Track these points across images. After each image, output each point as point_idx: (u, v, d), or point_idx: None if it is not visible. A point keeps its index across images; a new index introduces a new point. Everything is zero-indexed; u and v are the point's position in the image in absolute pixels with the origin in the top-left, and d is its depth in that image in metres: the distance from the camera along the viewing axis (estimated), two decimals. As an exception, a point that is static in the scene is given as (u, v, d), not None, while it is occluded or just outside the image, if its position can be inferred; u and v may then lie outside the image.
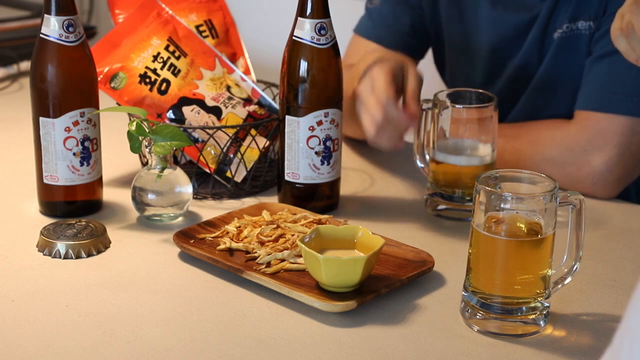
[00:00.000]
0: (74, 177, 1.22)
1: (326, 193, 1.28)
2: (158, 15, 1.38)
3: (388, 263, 1.10)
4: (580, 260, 1.00)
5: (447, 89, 1.29)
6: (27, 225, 1.21)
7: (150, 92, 1.34)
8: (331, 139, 1.25)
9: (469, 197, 1.26)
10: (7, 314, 1.00)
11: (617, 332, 0.57)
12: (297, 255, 1.09)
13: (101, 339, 0.95)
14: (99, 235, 1.15)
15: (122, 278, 1.09)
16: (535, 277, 0.97)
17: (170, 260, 1.14)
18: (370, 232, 1.07)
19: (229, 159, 1.33)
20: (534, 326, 0.98)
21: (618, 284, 1.10)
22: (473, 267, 0.99)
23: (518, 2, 1.43)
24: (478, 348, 0.96)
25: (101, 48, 1.34)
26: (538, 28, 1.41)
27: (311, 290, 1.03)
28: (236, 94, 1.38)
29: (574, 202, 0.98)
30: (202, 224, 1.18)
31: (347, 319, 1.00)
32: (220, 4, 1.49)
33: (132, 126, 1.19)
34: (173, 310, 1.01)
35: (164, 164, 1.21)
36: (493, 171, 1.01)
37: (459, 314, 1.02)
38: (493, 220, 0.97)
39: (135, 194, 1.22)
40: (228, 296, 1.05)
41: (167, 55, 1.36)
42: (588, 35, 1.38)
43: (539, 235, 0.96)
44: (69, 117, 1.20)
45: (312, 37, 1.22)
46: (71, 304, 1.02)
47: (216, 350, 0.94)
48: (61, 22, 1.18)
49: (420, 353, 0.94)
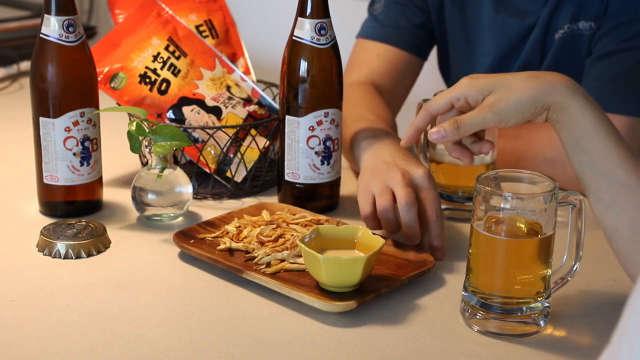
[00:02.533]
0: (74, 177, 1.22)
1: (326, 193, 1.28)
2: (158, 15, 1.38)
3: (388, 263, 1.10)
4: (580, 260, 1.00)
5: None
6: (27, 225, 1.21)
7: (150, 92, 1.34)
8: (331, 139, 1.25)
9: (469, 197, 1.26)
10: (7, 314, 1.00)
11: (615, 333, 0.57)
12: (297, 255, 1.09)
13: (101, 339, 0.95)
14: (99, 235, 1.15)
15: (122, 278, 1.09)
16: (535, 277, 0.97)
17: (170, 260, 1.14)
18: (370, 232, 1.07)
19: (229, 159, 1.33)
20: (534, 326, 0.98)
21: (618, 284, 1.10)
22: (473, 267, 0.99)
23: (521, 9, 1.43)
24: (478, 348, 0.96)
25: (101, 48, 1.34)
26: (540, 29, 1.41)
27: (311, 290, 1.03)
28: (236, 94, 1.38)
29: (574, 202, 0.98)
30: (202, 224, 1.18)
31: (347, 319, 1.00)
32: (220, 4, 1.49)
33: (132, 126, 1.19)
34: (173, 310, 1.01)
35: (164, 164, 1.21)
36: (493, 171, 1.01)
37: (459, 314, 1.02)
38: (493, 220, 0.97)
39: (135, 194, 1.22)
40: (228, 296, 1.05)
41: (167, 55, 1.36)
42: (589, 36, 1.38)
43: (539, 235, 0.96)
44: (69, 117, 1.20)
45: (312, 37, 1.22)
46: (71, 304, 1.02)
47: (216, 350, 0.94)
48: (61, 22, 1.18)
49: (420, 353, 0.94)
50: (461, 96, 1.03)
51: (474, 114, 1.01)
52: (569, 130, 0.99)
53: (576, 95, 0.98)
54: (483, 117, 1.00)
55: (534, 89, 0.99)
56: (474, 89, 1.02)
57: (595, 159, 0.97)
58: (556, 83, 0.99)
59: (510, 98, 0.99)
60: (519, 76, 1.01)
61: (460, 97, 1.03)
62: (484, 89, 1.01)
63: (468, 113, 1.02)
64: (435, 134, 1.04)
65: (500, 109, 0.99)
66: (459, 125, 1.02)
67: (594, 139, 0.97)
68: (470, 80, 1.03)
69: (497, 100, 0.99)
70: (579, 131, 0.98)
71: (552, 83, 0.99)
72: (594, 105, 0.99)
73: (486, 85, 1.01)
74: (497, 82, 1.01)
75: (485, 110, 1.00)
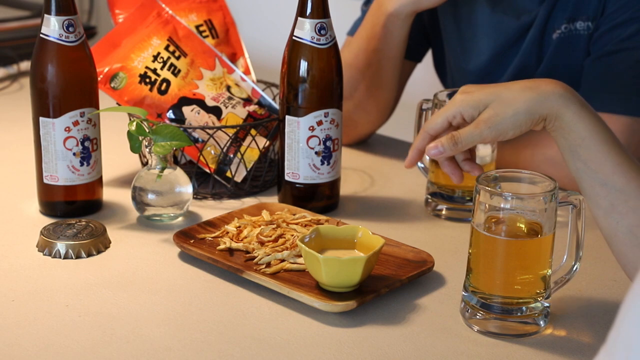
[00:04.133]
0: (74, 177, 1.22)
1: (326, 193, 1.28)
2: (158, 15, 1.38)
3: (388, 263, 1.10)
4: (580, 260, 1.00)
5: (446, 89, 1.29)
6: (27, 225, 1.21)
7: (150, 92, 1.34)
8: (331, 139, 1.25)
9: (469, 197, 1.26)
10: (7, 314, 1.00)
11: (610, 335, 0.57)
12: (297, 255, 1.09)
13: (101, 339, 0.95)
14: (99, 235, 1.15)
15: (122, 278, 1.09)
16: (535, 277, 0.97)
17: (170, 260, 1.14)
18: (370, 232, 1.07)
19: (229, 159, 1.33)
20: (534, 326, 0.98)
21: (618, 284, 1.10)
22: (473, 267, 0.99)
23: (517, 7, 1.43)
24: (478, 348, 0.96)
25: (101, 48, 1.34)
26: (537, 29, 1.41)
27: (311, 290, 1.03)
28: (236, 94, 1.38)
29: (574, 202, 0.98)
30: (202, 224, 1.18)
31: (347, 319, 1.00)
32: (220, 4, 1.49)
33: (132, 126, 1.19)
34: (173, 310, 1.01)
35: (164, 164, 1.21)
36: (493, 171, 1.01)
37: (459, 314, 1.02)
38: (493, 220, 0.97)
39: (135, 194, 1.22)
40: (228, 296, 1.05)
41: (167, 55, 1.36)
42: (586, 36, 1.38)
43: (539, 235, 0.96)
44: (69, 117, 1.20)
45: (312, 37, 1.22)
46: (71, 304, 1.02)
47: (216, 350, 0.94)
48: (61, 22, 1.18)
49: (420, 353, 0.94)
50: (457, 114, 1.04)
51: (470, 129, 1.02)
52: (566, 138, 0.99)
53: (571, 103, 0.98)
54: (480, 133, 1.01)
55: (529, 101, 0.99)
56: (469, 106, 1.02)
57: (592, 167, 0.97)
58: (550, 93, 0.99)
59: (507, 112, 0.99)
60: (513, 87, 1.01)
61: (456, 114, 1.04)
62: (479, 104, 1.02)
63: (465, 128, 1.03)
64: (433, 149, 1.05)
65: (497, 124, 1.00)
66: (456, 141, 1.03)
67: (590, 146, 0.97)
68: (464, 96, 1.03)
69: (493, 115, 1.00)
70: (575, 139, 0.98)
71: (546, 93, 0.99)
72: (590, 113, 0.99)
73: (481, 100, 1.02)
74: (492, 96, 1.01)
75: (481, 125, 1.01)
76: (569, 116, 0.98)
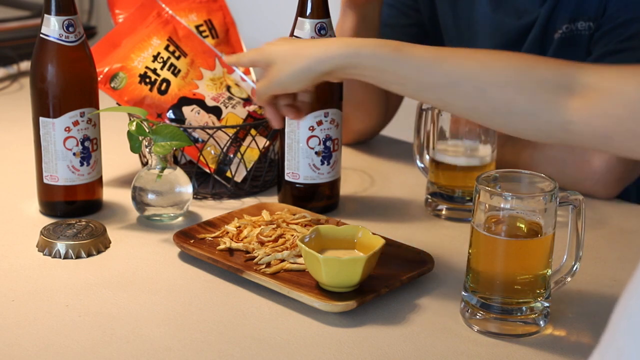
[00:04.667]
0: (74, 177, 1.22)
1: (326, 193, 1.28)
2: (158, 15, 1.38)
3: (388, 263, 1.10)
4: (580, 260, 1.00)
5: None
6: (27, 225, 1.21)
7: (150, 92, 1.34)
8: (331, 139, 1.25)
9: (469, 197, 1.26)
10: (7, 314, 1.00)
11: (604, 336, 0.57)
12: (297, 255, 1.09)
13: (101, 339, 0.95)
14: (99, 235, 1.15)
15: (122, 278, 1.09)
16: (535, 277, 0.97)
17: (170, 260, 1.14)
18: (370, 232, 1.07)
19: (229, 159, 1.33)
20: (534, 326, 0.98)
21: (618, 284, 1.10)
22: (473, 267, 0.99)
23: (518, 7, 1.43)
24: (478, 348, 0.96)
25: (101, 48, 1.34)
26: (538, 29, 1.41)
27: (311, 290, 1.03)
28: (236, 94, 1.39)
29: (574, 202, 0.98)
30: (202, 224, 1.18)
31: (347, 319, 1.00)
32: (220, 4, 1.49)
33: (132, 126, 1.19)
34: (173, 310, 1.01)
35: (164, 164, 1.21)
36: (493, 171, 1.01)
37: (459, 314, 1.02)
38: (493, 220, 0.97)
39: (135, 194, 1.22)
40: (228, 296, 1.05)
41: (167, 55, 1.36)
42: (588, 36, 1.38)
43: (539, 235, 0.96)
44: (69, 117, 1.20)
45: (312, 37, 1.22)
46: (71, 304, 1.02)
47: (216, 350, 0.94)
48: (61, 22, 1.18)
49: (420, 353, 0.94)
50: (256, 61, 1.12)
51: (261, 83, 1.10)
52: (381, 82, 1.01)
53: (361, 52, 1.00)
54: (268, 87, 1.09)
55: (307, 60, 1.04)
56: (262, 57, 1.10)
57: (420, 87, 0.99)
58: (332, 50, 1.02)
59: (286, 69, 1.06)
60: (300, 44, 1.07)
61: (254, 61, 1.13)
62: (267, 58, 1.09)
63: (259, 82, 1.11)
64: None
65: (278, 80, 1.07)
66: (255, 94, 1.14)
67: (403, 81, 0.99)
68: (265, 46, 1.10)
69: (275, 71, 1.07)
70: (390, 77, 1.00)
71: (327, 52, 1.03)
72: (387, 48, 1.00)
73: (270, 55, 1.09)
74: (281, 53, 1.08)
75: (267, 81, 1.08)
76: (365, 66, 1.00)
